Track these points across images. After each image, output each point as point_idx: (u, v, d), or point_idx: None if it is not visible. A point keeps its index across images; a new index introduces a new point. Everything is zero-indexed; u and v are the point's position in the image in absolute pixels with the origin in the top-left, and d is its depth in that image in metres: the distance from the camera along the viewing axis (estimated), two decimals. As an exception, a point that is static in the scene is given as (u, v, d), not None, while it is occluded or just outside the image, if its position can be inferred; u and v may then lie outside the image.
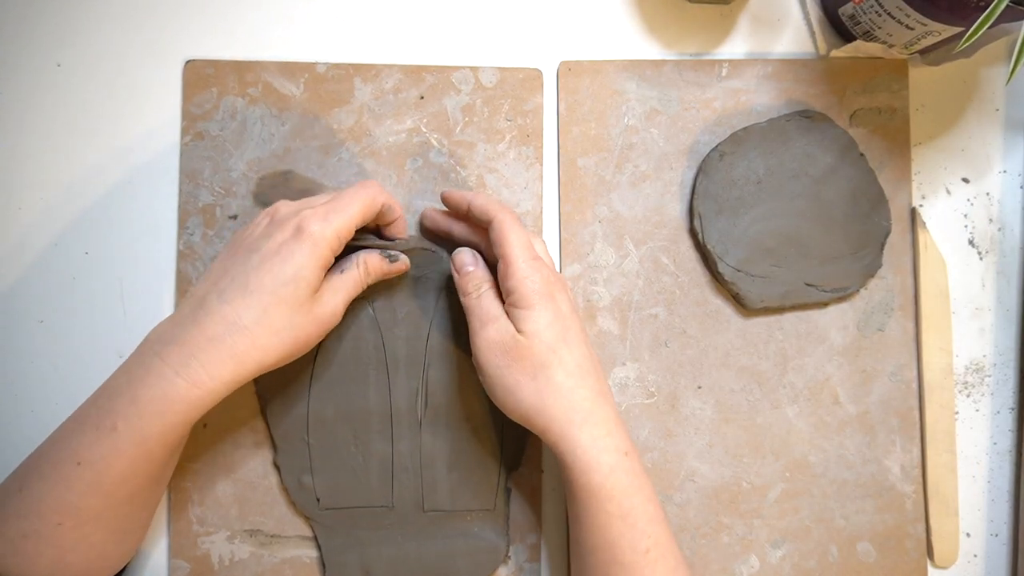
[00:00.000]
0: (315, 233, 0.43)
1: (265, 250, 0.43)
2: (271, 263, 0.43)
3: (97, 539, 0.42)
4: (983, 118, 0.56)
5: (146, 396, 0.40)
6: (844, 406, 0.54)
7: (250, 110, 0.53)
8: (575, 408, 0.43)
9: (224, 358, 0.41)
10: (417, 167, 0.54)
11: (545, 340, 0.44)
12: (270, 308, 0.42)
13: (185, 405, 0.41)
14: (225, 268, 0.44)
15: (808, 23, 0.56)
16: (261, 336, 0.42)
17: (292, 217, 0.44)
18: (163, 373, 0.41)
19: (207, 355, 0.41)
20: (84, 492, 0.41)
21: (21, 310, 0.53)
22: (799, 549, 0.53)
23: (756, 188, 0.53)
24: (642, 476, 0.44)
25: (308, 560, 0.52)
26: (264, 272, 0.42)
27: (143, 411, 0.40)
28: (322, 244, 0.43)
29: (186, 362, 0.41)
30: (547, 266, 0.46)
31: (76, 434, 0.41)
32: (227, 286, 0.43)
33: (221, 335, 0.41)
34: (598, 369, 0.46)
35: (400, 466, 0.51)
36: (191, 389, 0.41)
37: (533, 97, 0.54)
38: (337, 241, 0.44)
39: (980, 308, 0.56)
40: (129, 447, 0.41)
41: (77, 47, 0.54)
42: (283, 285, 0.42)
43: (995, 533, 0.55)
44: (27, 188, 0.53)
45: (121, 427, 0.40)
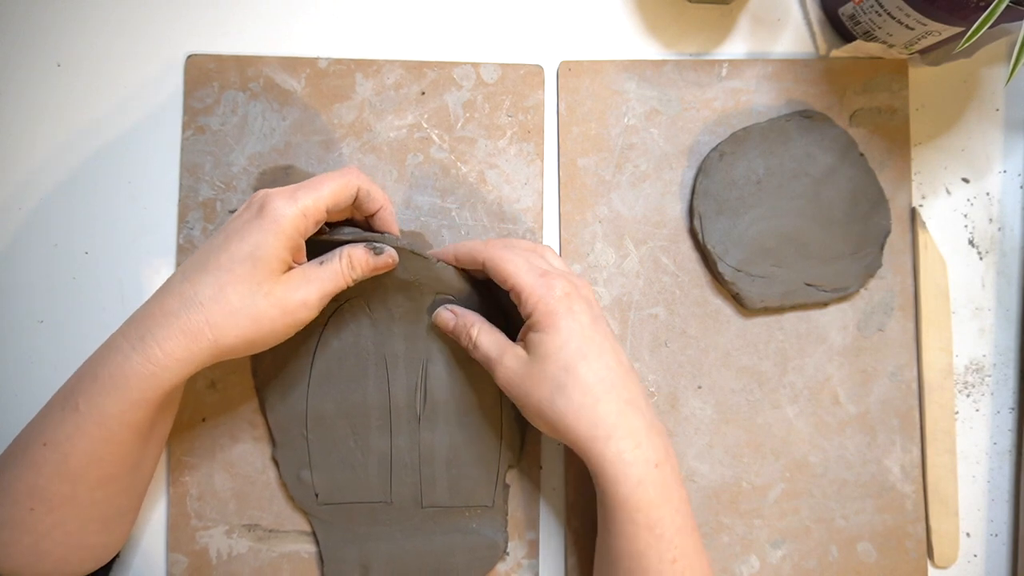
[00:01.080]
0: (277, 210, 0.42)
1: (230, 229, 0.43)
2: (231, 240, 0.42)
3: (73, 527, 0.42)
4: (983, 118, 0.56)
5: (104, 372, 0.40)
6: (844, 406, 0.54)
7: (251, 105, 0.53)
8: (598, 424, 0.43)
9: (176, 333, 0.40)
10: (418, 163, 0.54)
11: (560, 360, 0.43)
12: (226, 285, 0.41)
13: (139, 381, 0.40)
14: (198, 250, 0.44)
15: (808, 23, 0.56)
16: (216, 313, 0.41)
17: (260, 196, 0.43)
18: (120, 348, 0.41)
19: (162, 330, 0.40)
20: (51, 475, 0.41)
21: (21, 310, 0.53)
22: (799, 549, 0.53)
23: (756, 188, 0.53)
24: (673, 486, 0.44)
25: (306, 555, 0.52)
26: (223, 250, 0.42)
27: (101, 388, 0.40)
28: (284, 222, 0.42)
29: (142, 336, 0.40)
30: (560, 276, 0.45)
31: (44, 416, 0.42)
32: (190, 265, 0.42)
33: (176, 310, 0.41)
34: (628, 377, 0.45)
35: (399, 462, 0.51)
36: (144, 364, 0.40)
37: (534, 93, 0.54)
38: (303, 220, 0.42)
39: (980, 308, 0.56)
40: (91, 426, 0.40)
41: (77, 47, 0.54)
42: (240, 262, 0.41)
43: (995, 533, 0.55)
44: (27, 188, 0.53)
45: (83, 406, 0.40)
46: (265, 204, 0.42)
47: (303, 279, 0.44)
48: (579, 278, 0.47)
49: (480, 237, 0.53)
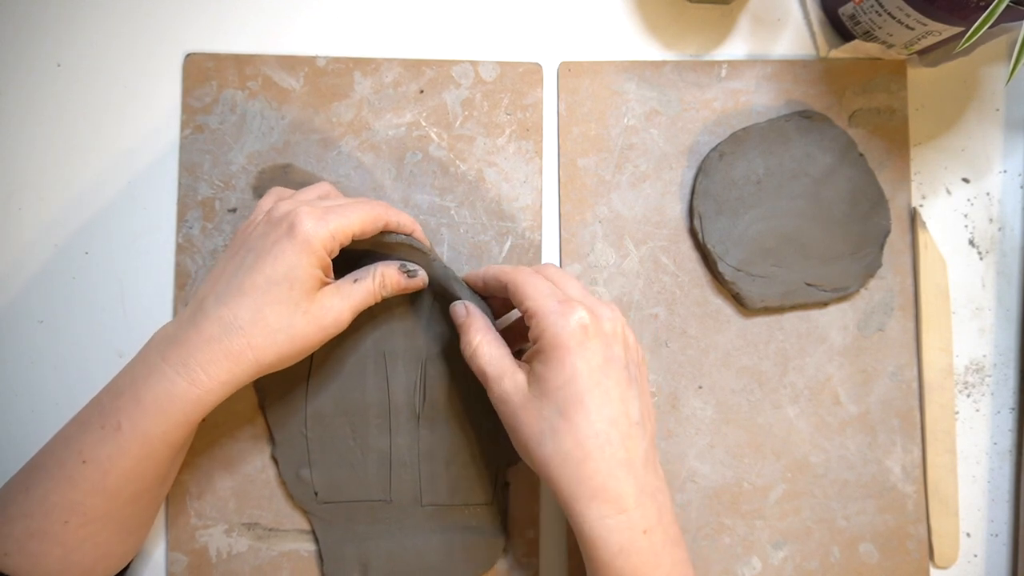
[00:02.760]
0: (308, 231, 0.42)
1: (259, 248, 0.43)
2: (264, 262, 0.42)
3: (102, 538, 0.43)
4: (983, 118, 0.56)
5: (149, 395, 0.41)
6: (845, 406, 0.54)
7: (250, 103, 0.53)
8: (583, 481, 0.40)
9: (219, 358, 0.41)
10: (416, 161, 0.54)
11: (557, 401, 0.40)
12: (264, 308, 0.42)
13: (185, 404, 0.41)
14: (224, 268, 0.44)
15: (808, 23, 0.56)
16: (256, 336, 0.42)
17: (288, 214, 0.43)
18: (164, 373, 0.41)
19: (204, 355, 0.41)
20: (89, 491, 0.41)
21: (21, 310, 0.53)
22: (801, 550, 0.53)
23: (756, 188, 0.53)
24: (664, 552, 0.40)
25: (306, 554, 0.51)
26: (257, 272, 0.42)
27: (146, 410, 0.41)
28: (315, 243, 0.42)
29: (185, 361, 0.41)
30: (581, 306, 0.42)
31: (81, 433, 0.42)
32: (223, 288, 0.42)
33: (218, 336, 0.41)
34: (631, 433, 0.41)
35: (398, 460, 0.51)
36: (190, 388, 0.41)
37: (533, 91, 0.54)
38: (332, 243, 0.43)
39: (980, 308, 0.56)
40: (134, 446, 0.41)
41: (77, 47, 0.54)
42: (276, 284, 0.42)
43: (995, 533, 0.55)
44: (27, 188, 0.53)
45: (126, 426, 0.41)
46: (295, 224, 0.42)
47: (337, 296, 0.44)
48: (610, 311, 0.43)
49: (479, 235, 0.53)
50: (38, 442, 0.52)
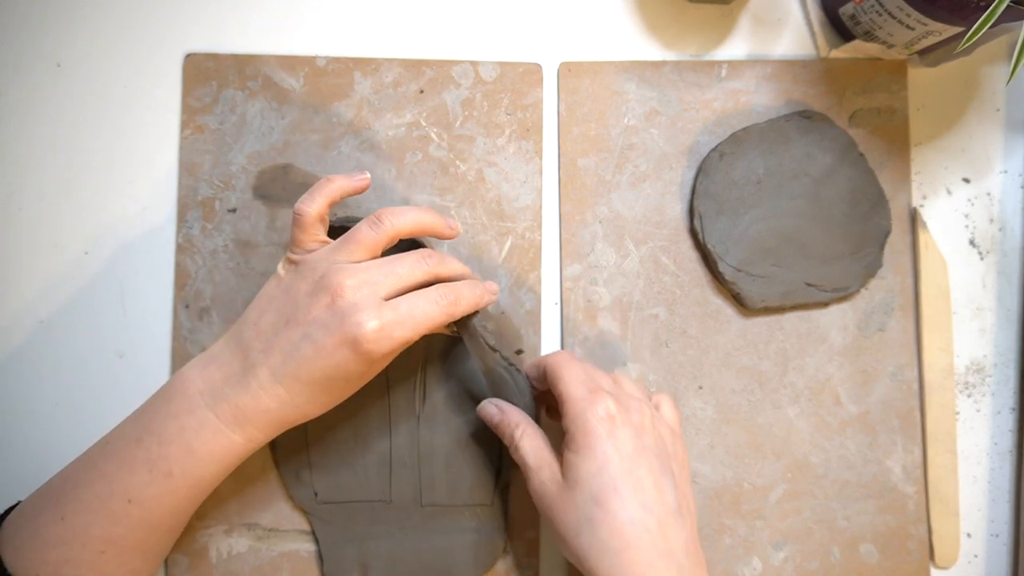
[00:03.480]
0: (373, 352, 0.41)
1: (319, 344, 0.42)
2: (324, 362, 0.42)
3: (136, 564, 0.44)
4: (984, 118, 0.56)
5: (203, 448, 0.42)
6: (845, 406, 0.54)
7: (250, 103, 0.53)
8: (624, 571, 0.39)
9: (276, 424, 0.44)
10: (416, 161, 0.54)
11: (591, 489, 0.40)
12: (322, 395, 0.44)
13: (242, 454, 0.44)
14: (275, 332, 0.43)
15: (808, 23, 0.56)
16: (312, 411, 0.44)
17: (351, 314, 0.41)
18: (219, 430, 0.42)
19: (261, 420, 0.43)
20: (132, 527, 0.43)
21: (21, 310, 0.53)
22: (801, 550, 0.53)
23: (756, 188, 0.53)
24: None
25: (306, 554, 0.51)
26: (316, 368, 0.42)
27: (200, 460, 0.43)
28: (377, 356, 0.42)
29: (242, 423, 0.43)
30: (611, 396, 0.42)
31: (126, 473, 0.42)
32: (279, 364, 0.42)
33: (275, 408, 0.43)
34: (670, 521, 0.40)
35: (398, 461, 0.51)
36: (246, 444, 0.43)
37: (533, 91, 0.54)
38: (394, 353, 0.44)
39: (981, 308, 0.56)
40: (182, 489, 0.43)
41: (77, 47, 0.54)
42: (335, 381, 0.43)
43: (996, 534, 0.55)
44: (27, 188, 0.53)
45: (177, 473, 0.42)
46: (359, 340, 0.41)
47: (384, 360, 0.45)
48: (638, 403, 0.43)
49: (479, 235, 0.53)
50: (37, 442, 0.52)
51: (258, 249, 0.53)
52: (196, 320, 0.52)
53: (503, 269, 0.53)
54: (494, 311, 0.53)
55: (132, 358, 0.53)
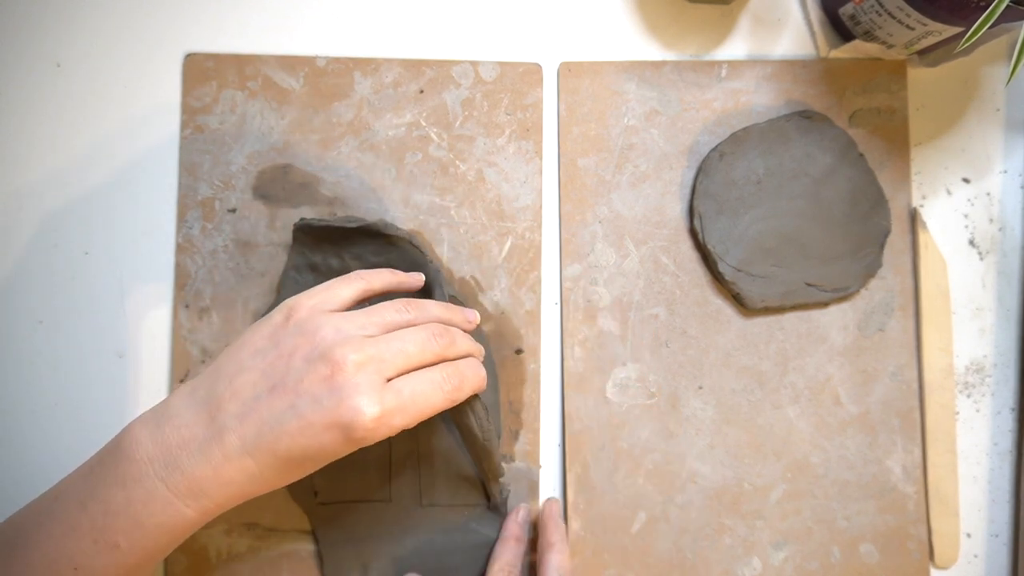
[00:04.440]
0: (366, 439, 0.38)
1: (307, 421, 0.38)
2: (308, 441, 0.38)
3: None
4: (983, 118, 0.56)
5: (151, 521, 0.38)
6: (845, 406, 0.54)
7: (249, 104, 0.53)
8: None
9: (234, 498, 0.39)
10: (416, 161, 0.54)
11: None
12: (294, 471, 0.40)
13: (194, 527, 0.40)
14: (256, 396, 0.39)
15: (808, 23, 0.56)
16: (277, 485, 0.40)
17: (348, 393, 0.38)
18: (170, 502, 0.38)
19: (219, 495, 0.39)
20: None
21: (21, 310, 0.53)
22: (801, 550, 0.53)
23: (756, 188, 0.53)
24: None
25: (306, 554, 0.51)
26: (297, 446, 0.38)
27: (149, 534, 0.39)
28: (370, 443, 0.39)
29: (196, 496, 0.38)
30: None
31: (71, 540, 0.39)
32: (254, 436, 0.38)
33: (237, 483, 0.39)
34: None
35: (398, 461, 0.51)
36: (200, 516, 0.39)
37: (533, 91, 0.54)
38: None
39: (981, 308, 0.56)
40: (131, 560, 0.39)
41: (77, 47, 0.54)
42: (313, 461, 0.39)
43: (996, 534, 0.55)
44: (27, 188, 0.53)
45: (124, 545, 0.39)
46: (353, 427, 0.38)
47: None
48: None
49: (478, 235, 0.53)
50: (37, 442, 0.52)
51: (258, 249, 0.53)
52: (196, 320, 0.52)
53: (503, 269, 0.53)
54: (494, 311, 0.53)
55: (132, 358, 0.53)
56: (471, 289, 0.53)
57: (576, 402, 0.53)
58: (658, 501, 0.53)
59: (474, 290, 0.53)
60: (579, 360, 0.53)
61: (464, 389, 0.42)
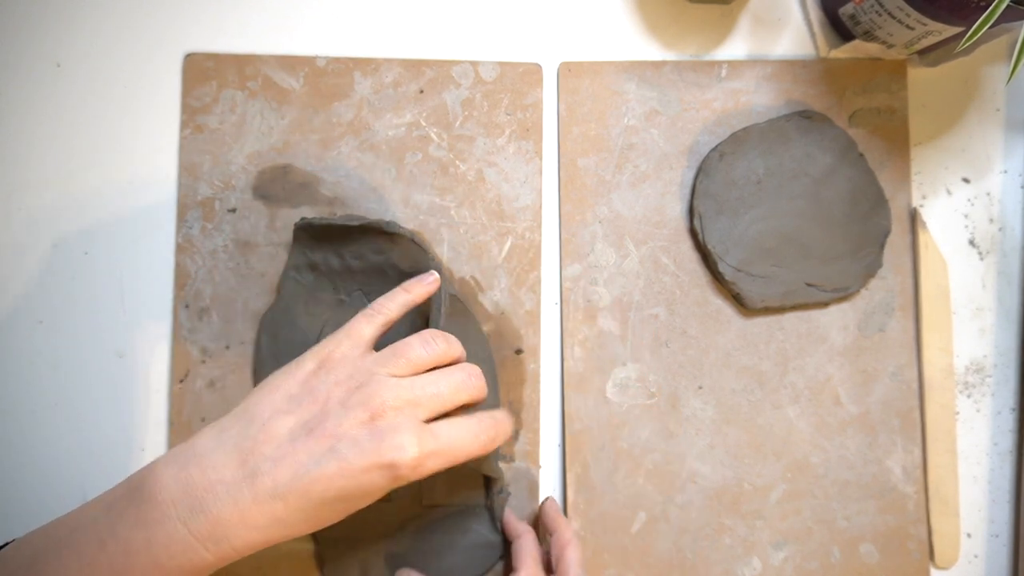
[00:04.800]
0: (406, 478, 0.38)
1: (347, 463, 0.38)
2: (347, 483, 0.38)
3: None
4: (984, 118, 0.56)
5: (172, 564, 0.37)
6: (845, 406, 0.54)
7: (249, 103, 0.53)
8: None
9: (253, 545, 0.38)
10: (416, 161, 0.54)
11: None
12: (322, 516, 0.39)
13: (209, 569, 0.38)
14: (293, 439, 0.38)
15: (808, 23, 0.56)
16: (297, 533, 0.39)
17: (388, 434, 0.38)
18: (191, 546, 0.37)
19: (240, 540, 0.38)
20: None
21: (21, 310, 0.53)
22: (801, 550, 0.53)
23: (756, 188, 0.53)
24: None
25: (306, 554, 0.51)
26: (334, 488, 0.38)
27: (169, 574, 0.38)
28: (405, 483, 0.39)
29: (218, 541, 0.37)
30: None
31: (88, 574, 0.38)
32: (289, 479, 0.38)
33: (262, 527, 0.38)
34: None
35: None
36: (219, 560, 0.38)
37: (533, 92, 0.54)
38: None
39: (981, 308, 0.56)
40: None
41: (77, 47, 0.54)
42: (345, 503, 0.39)
43: (996, 534, 0.55)
44: (27, 188, 0.53)
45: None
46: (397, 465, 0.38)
47: None
48: None
49: (478, 235, 0.53)
50: (37, 442, 0.52)
51: (258, 249, 0.53)
52: (196, 320, 0.52)
53: (503, 269, 0.53)
54: (494, 311, 0.53)
55: (132, 358, 0.53)
56: (471, 289, 0.53)
57: (576, 402, 0.53)
58: (658, 501, 0.53)
59: (474, 290, 0.53)
60: (579, 360, 0.53)
61: (498, 440, 0.43)
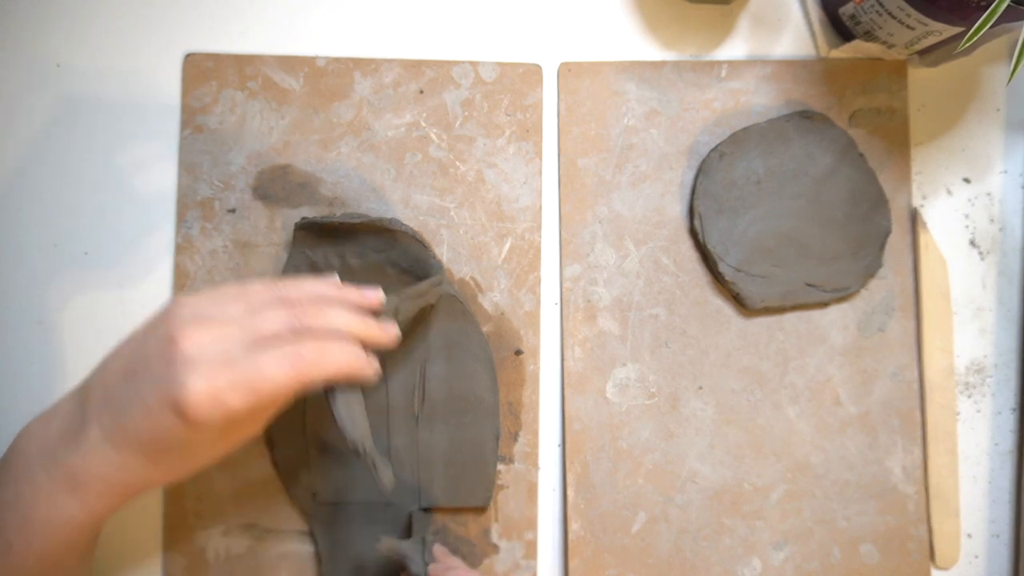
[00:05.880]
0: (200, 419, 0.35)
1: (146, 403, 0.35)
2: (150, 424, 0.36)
3: None
4: (984, 118, 0.56)
5: (39, 517, 0.37)
6: (845, 407, 0.54)
7: (249, 104, 0.53)
8: None
9: (115, 490, 0.37)
10: (416, 161, 0.54)
11: None
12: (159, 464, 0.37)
13: (80, 526, 0.38)
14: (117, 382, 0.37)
15: (808, 23, 0.56)
16: (158, 479, 0.39)
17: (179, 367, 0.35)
18: (52, 495, 0.37)
19: (98, 488, 0.37)
20: None
21: (21, 310, 0.53)
22: (801, 551, 0.53)
23: (756, 188, 0.53)
24: None
25: (304, 555, 0.51)
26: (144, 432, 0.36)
27: (38, 533, 0.37)
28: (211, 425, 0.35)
29: (75, 487, 0.37)
30: None
31: None
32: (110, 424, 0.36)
33: (110, 475, 0.37)
34: None
35: (396, 461, 0.51)
36: (86, 515, 0.38)
37: (533, 92, 0.54)
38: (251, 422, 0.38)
39: (981, 308, 0.56)
40: (27, 562, 0.38)
41: (77, 47, 0.54)
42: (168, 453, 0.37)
43: (996, 534, 0.55)
44: (27, 188, 0.53)
45: (16, 546, 0.38)
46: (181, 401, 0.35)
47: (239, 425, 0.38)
48: None
49: (478, 236, 0.53)
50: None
51: (257, 249, 0.53)
52: (196, 320, 0.52)
53: (502, 270, 0.53)
54: (493, 312, 0.53)
55: None
56: (470, 290, 0.53)
57: (576, 402, 0.53)
58: (658, 501, 0.53)
59: (473, 291, 0.53)
60: (579, 360, 0.53)
61: (323, 368, 0.38)
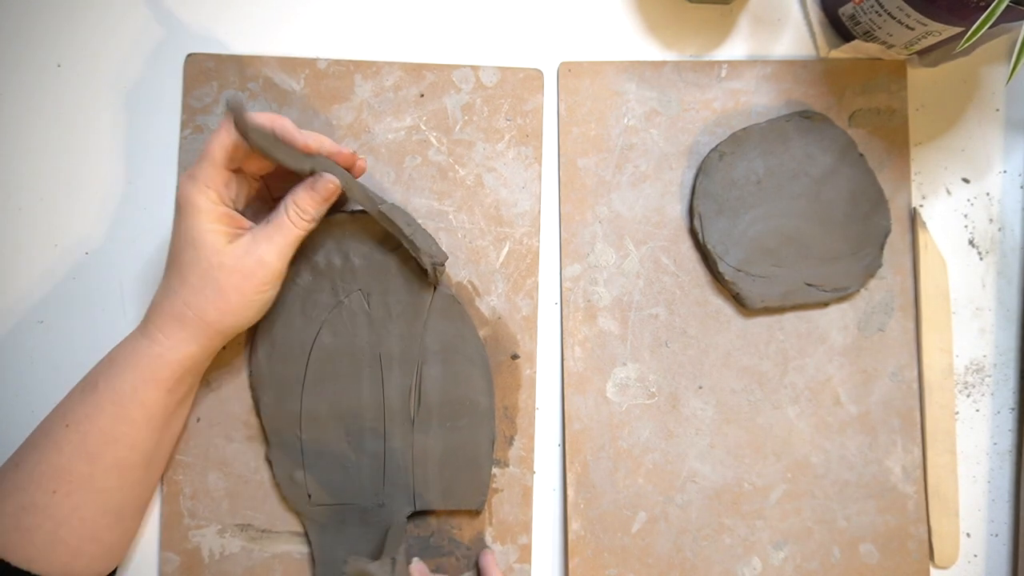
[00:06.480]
0: (183, 195, 0.45)
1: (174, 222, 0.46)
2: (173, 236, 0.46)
3: (88, 513, 0.45)
4: (983, 118, 0.56)
5: (119, 354, 0.46)
6: (845, 406, 0.54)
7: (250, 105, 0.53)
8: None
9: (168, 319, 0.45)
10: (416, 165, 0.54)
11: None
12: (184, 271, 0.45)
13: (149, 359, 0.45)
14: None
15: (808, 23, 0.56)
16: (187, 294, 0.45)
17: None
18: (132, 335, 0.47)
19: (158, 317, 0.46)
20: (72, 455, 0.44)
21: (21, 310, 0.53)
22: (801, 550, 0.53)
23: (756, 188, 0.53)
24: None
25: (299, 556, 0.51)
26: (173, 244, 0.46)
27: (116, 367, 0.45)
28: (193, 199, 0.44)
29: (145, 324, 0.46)
30: None
31: (66, 400, 0.46)
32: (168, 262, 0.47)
33: (159, 300, 0.46)
34: None
35: (392, 464, 0.51)
36: (150, 345, 0.45)
37: (533, 97, 0.54)
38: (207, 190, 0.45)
39: (980, 308, 0.56)
40: (107, 404, 0.45)
41: (77, 47, 0.54)
42: (183, 251, 0.45)
43: (995, 533, 0.55)
44: (27, 188, 0.53)
45: (101, 385, 0.45)
46: (178, 193, 0.45)
47: (252, 242, 0.46)
48: None
49: (476, 240, 0.53)
50: (38, 442, 0.51)
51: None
52: (196, 320, 0.52)
53: (500, 274, 0.53)
54: (491, 316, 0.53)
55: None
56: (468, 294, 0.53)
57: (576, 402, 0.53)
58: (658, 501, 0.53)
59: (471, 295, 0.53)
60: (579, 360, 0.53)
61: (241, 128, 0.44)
